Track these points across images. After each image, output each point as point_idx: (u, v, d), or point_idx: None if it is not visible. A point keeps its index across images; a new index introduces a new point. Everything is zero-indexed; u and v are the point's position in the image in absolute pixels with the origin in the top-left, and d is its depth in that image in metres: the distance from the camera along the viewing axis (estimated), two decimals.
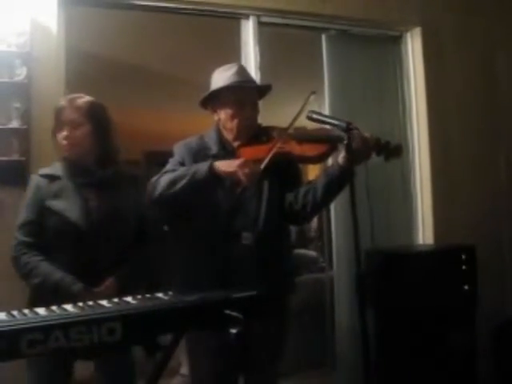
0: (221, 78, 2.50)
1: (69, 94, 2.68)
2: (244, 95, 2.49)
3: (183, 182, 2.33)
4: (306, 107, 2.36)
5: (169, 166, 2.52)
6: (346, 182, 2.29)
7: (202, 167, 2.34)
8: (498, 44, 4.21)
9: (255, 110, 2.56)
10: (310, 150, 2.44)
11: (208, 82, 2.57)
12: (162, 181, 2.39)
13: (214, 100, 2.53)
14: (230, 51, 3.65)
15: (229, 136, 2.53)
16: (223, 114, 2.51)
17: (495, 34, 4.21)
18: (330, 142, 2.41)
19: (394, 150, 2.46)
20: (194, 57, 5.14)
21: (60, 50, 3.16)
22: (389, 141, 2.46)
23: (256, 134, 2.52)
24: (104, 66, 5.40)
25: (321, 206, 2.59)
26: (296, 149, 2.44)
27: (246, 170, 2.27)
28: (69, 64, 3.22)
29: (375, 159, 2.45)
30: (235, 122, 2.48)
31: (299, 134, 2.49)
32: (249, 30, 3.65)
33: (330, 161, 2.64)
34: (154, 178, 2.44)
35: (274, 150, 2.33)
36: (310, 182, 2.55)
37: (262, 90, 2.60)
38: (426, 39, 4.02)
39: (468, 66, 4.13)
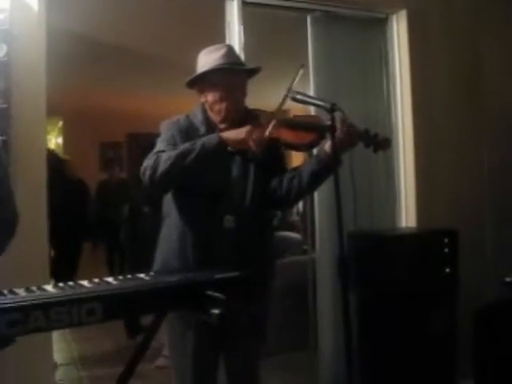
0: (209, 59, 2.45)
1: None
2: (233, 78, 2.46)
3: (192, 155, 2.27)
4: (296, 81, 2.37)
5: (160, 146, 2.45)
6: (331, 170, 2.29)
7: (211, 139, 2.31)
8: (484, 27, 4.21)
9: (243, 92, 2.53)
10: (298, 137, 2.45)
11: (192, 64, 2.53)
12: (165, 159, 2.30)
13: (201, 81, 2.49)
14: (215, 32, 3.61)
15: (215, 118, 2.50)
16: (211, 97, 2.47)
17: (481, 18, 4.20)
18: (319, 131, 2.42)
19: (382, 143, 2.50)
20: (178, 37, 5.10)
21: (41, 28, 3.09)
22: (377, 133, 2.50)
23: (242, 117, 2.49)
24: (86, 46, 5.34)
25: (305, 192, 2.61)
26: (285, 135, 2.43)
27: (255, 136, 2.28)
28: (50, 42, 3.16)
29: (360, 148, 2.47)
30: (223, 104, 2.45)
31: (289, 121, 2.50)
32: (233, 11, 3.60)
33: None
34: (151, 160, 2.34)
35: (272, 125, 2.32)
36: (295, 168, 2.54)
37: (251, 73, 2.56)
38: (412, 22, 4.00)
39: (453, 50, 4.12)
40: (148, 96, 7.98)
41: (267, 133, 2.29)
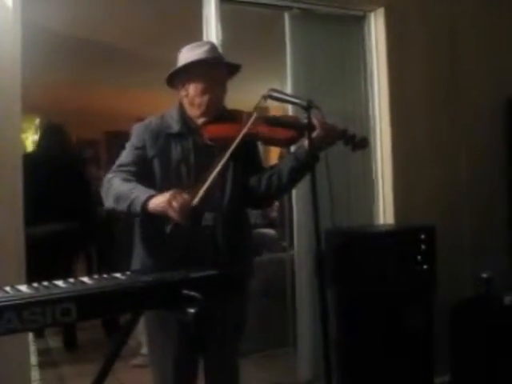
0: (193, 53, 2.46)
1: None
2: (217, 72, 2.48)
3: (124, 205, 2.25)
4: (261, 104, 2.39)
5: (127, 155, 2.45)
6: (310, 167, 2.30)
7: (139, 199, 2.21)
8: (462, 26, 4.23)
9: (224, 89, 2.55)
10: (277, 132, 2.47)
11: (171, 60, 2.53)
12: (115, 186, 2.31)
13: (183, 74, 2.49)
14: (192, 28, 3.59)
15: (195, 112, 2.50)
16: (192, 89, 2.47)
17: (459, 16, 4.23)
18: (297, 129, 2.43)
19: (360, 143, 2.54)
20: (156, 34, 5.07)
21: (16, 24, 3.04)
22: (355, 133, 2.54)
23: (221, 115, 2.50)
24: (63, 42, 5.28)
25: (285, 189, 2.63)
26: (264, 130, 2.45)
27: (175, 204, 2.12)
28: (25, 39, 3.11)
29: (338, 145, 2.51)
30: (205, 97, 2.46)
31: (268, 118, 2.52)
32: (211, 7, 3.58)
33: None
34: (109, 176, 2.37)
35: (242, 133, 2.31)
36: (273, 167, 2.57)
37: (232, 71, 2.57)
38: (389, 19, 4.00)
39: (431, 48, 4.14)
40: (126, 93, 7.93)
41: (195, 201, 2.16)
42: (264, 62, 4.14)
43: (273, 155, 7.14)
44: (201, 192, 2.19)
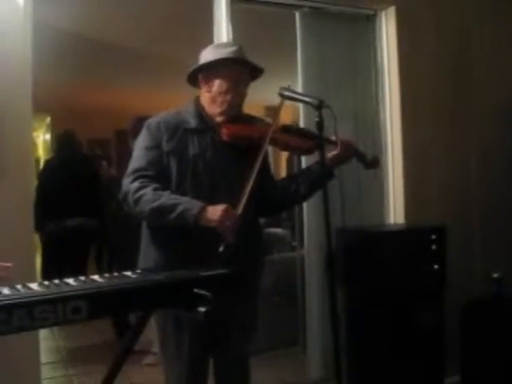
0: (221, 51, 2.47)
1: None
2: (243, 73, 2.50)
3: (167, 217, 2.28)
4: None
5: (139, 159, 2.43)
6: (324, 183, 2.33)
7: (191, 212, 2.25)
8: (474, 24, 4.21)
9: (246, 92, 2.55)
10: (294, 141, 2.56)
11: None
12: (145, 199, 2.30)
13: (208, 71, 2.49)
14: (202, 28, 3.59)
15: (215, 110, 2.49)
16: (217, 87, 2.47)
17: (471, 15, 4.20)
18: (315, 140, 2.45)
19: (371, 163, 2.72)
20: (167, 34, 5.08)
21: (27, 23, 3.05)
22: (365, 154, 2.69)
23: (239, 116, 2.53)
24: (74, 42, 5.30)
25: (299, 201, 2.80)
26: (281, 136, 2.51)
27: (228, 223, 2.21)
28: (36, 38, 3.12)
29: None
30: (228, 96, 2.46)
31: (287, 126, 2.61)
32: (221, 6, 3.58)
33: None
34: (134, 186, 2.35)
35: (268, 138, 2.38)
36: (290, 176, 2.68)
37: (255, 76, 2.59)
38: (400, 18, 3.99)
39: (442, 47, 4.12)
40: (136, 92, 7.95)
41: (240, 210, 2.26)
42: (274, 61, 4.12)
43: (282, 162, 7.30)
44: (241, 205, 2.27)
